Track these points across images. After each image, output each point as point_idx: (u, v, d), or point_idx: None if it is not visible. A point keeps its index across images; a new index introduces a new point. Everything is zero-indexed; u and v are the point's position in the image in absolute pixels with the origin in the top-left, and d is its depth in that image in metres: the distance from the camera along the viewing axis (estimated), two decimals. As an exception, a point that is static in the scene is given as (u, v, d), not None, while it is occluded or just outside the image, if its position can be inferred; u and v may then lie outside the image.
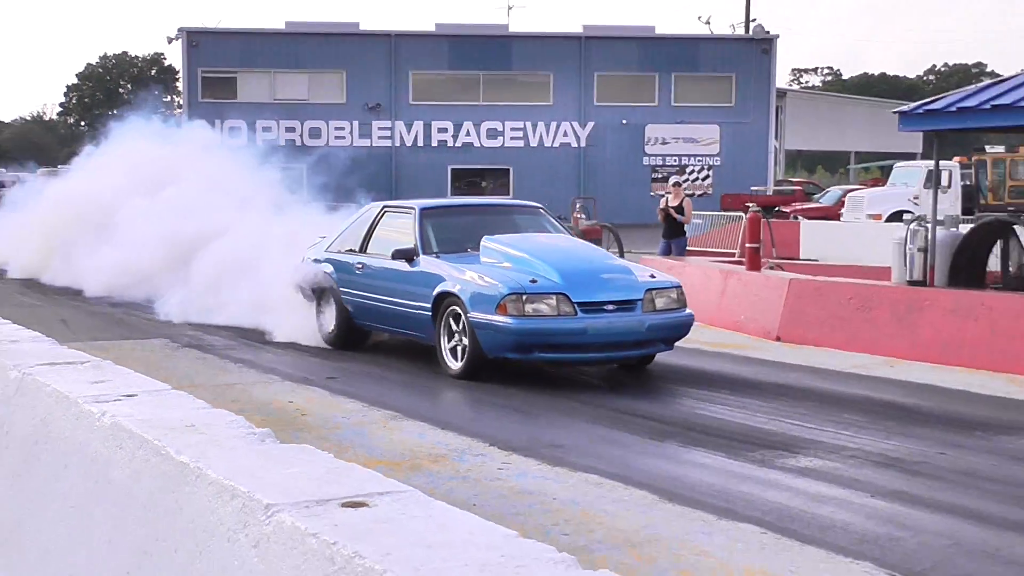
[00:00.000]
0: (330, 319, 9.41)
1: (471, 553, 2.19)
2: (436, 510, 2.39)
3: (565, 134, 34.01)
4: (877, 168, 35.92)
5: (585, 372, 8.51)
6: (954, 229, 10.95)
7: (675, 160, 33.11)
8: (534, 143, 33.93)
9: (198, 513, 2.74)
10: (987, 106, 9.31)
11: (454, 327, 7.89)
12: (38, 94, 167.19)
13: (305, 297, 9.75)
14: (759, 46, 34.21)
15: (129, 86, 60.51)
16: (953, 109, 9.67)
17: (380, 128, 33.76)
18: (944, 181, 18.10)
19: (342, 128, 33.25)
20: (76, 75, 66.22)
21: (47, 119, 73.84)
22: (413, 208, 8.92)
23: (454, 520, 2.34)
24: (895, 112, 10.68)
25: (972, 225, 11.42)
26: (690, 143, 33.66)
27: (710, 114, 33.69)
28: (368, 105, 33.37)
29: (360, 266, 9.06)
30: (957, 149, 26.31)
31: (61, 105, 70.36)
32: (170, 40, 35.23)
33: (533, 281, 7.60)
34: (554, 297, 7.50)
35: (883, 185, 25.65)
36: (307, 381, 8.25)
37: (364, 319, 9.17)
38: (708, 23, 36.89)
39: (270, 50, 33.50)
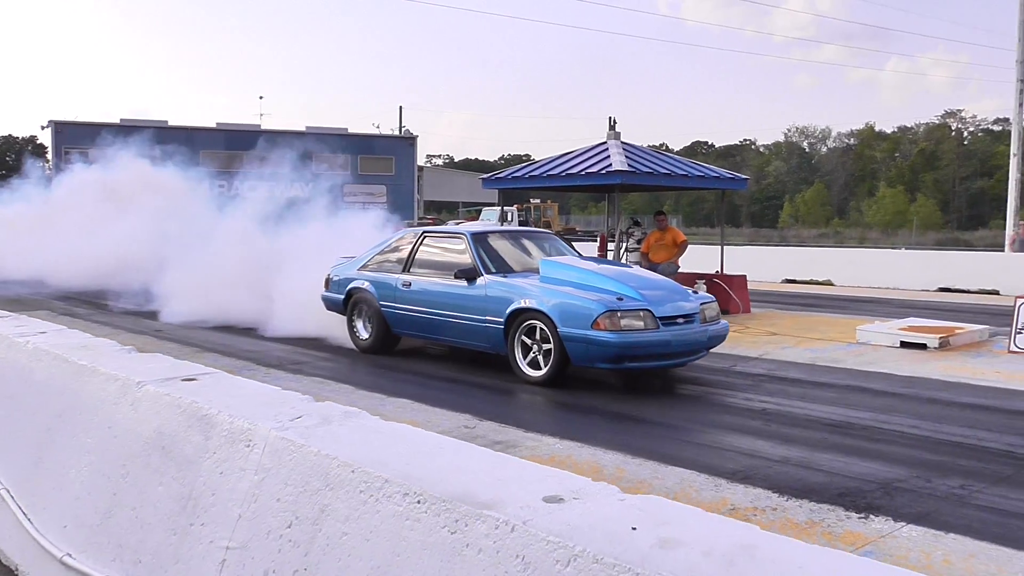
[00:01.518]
0: (364, 328, 9.99)
1: (258, 398, 4.66)
2: (237, 381, 4.91)
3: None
4: (475, 211, 53.24)
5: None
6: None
7: (361, 206, 40.40)
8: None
9: (93, 391, 4.96)
10: (527, 176, 14.09)
11: (528, 340, 8.16)
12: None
13: (334, 310, 10.38)
14: (407, 141, 51.19)
15: (13, 156, 73.77)
16: (510, 177, 14.49)
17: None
18: (509, 217, 24.92)
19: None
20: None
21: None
22: (464, 234, 9.35)
23: (246, 385, 4.87)
24: (481, 178, 15.35)
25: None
26: (369, 196, 45.76)
27: (381, 179, 47.98)
28: None
29: (407, 284, 9.41)
30: (516, 199, 44.16)
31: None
32: (43, 127, 46.21)
33: (620, 299, 7.81)
34: (641, 313, 7.75)
35: (477, 219, 40.40)
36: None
37: (405, 329, 9.57)
38: (378, 127, 50.57)
39: (112, 136, 36.14)
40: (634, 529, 2.19)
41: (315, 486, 3.03)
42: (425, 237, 9.75)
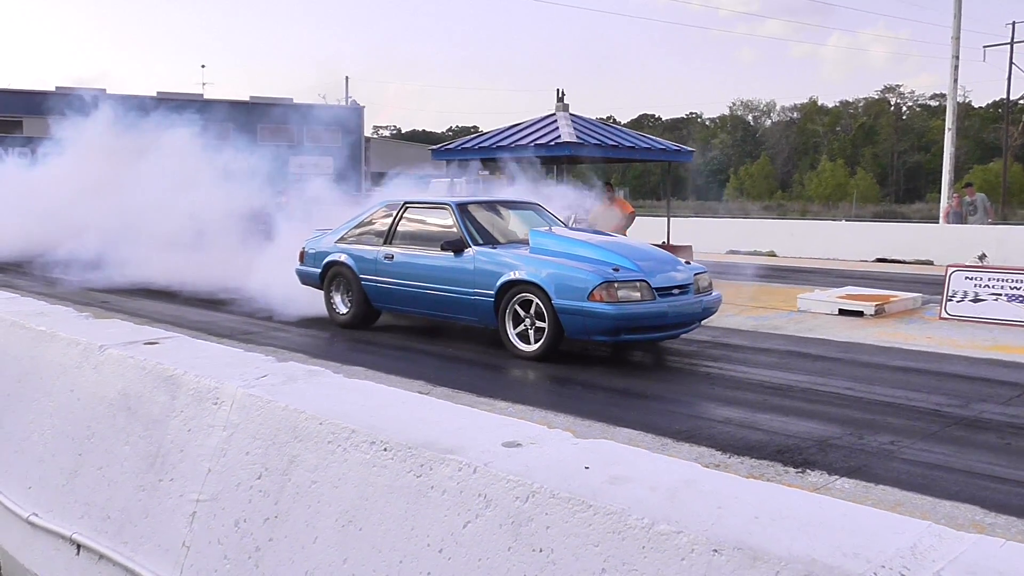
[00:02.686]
0: (342, 303, 9.77)
1: (221, 359, 4.79)
2: (200, 343, 5.03)
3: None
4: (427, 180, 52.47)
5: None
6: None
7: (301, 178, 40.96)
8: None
9: (54, 356, 5.04)
10: (476, 147, 14.48)
11: (521, 313, 7.95)
12: None
13: (310, 284, 10.16)
14: (354, 112, 50.48)
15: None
16: (459, 148, 14.91)
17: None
18: (457, 188, 25.15)
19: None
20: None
21: None
22: (449, 204, 9.10)
23: (209, 347, 4.99)
24: (430, 150, 15.52)
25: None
26: (315, 167, 44.48)
27: (327, 151, 46.86)
28: None
29: (389, 256, 9.18)
30: (466, 170, 42.95)
31: None
32: None
33: (616, 270, 7.66)
34: (638, 284, 7.62)
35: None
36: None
37: (387, 303, 9.37)
38: (324, 98, 49.87)
39: (45, 103, 35.03)
40: (587, 468, 2.38)
41: (284, 439, 3.18)
42: (407, 208, 9.49)
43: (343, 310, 9.78)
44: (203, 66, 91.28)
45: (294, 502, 3.04)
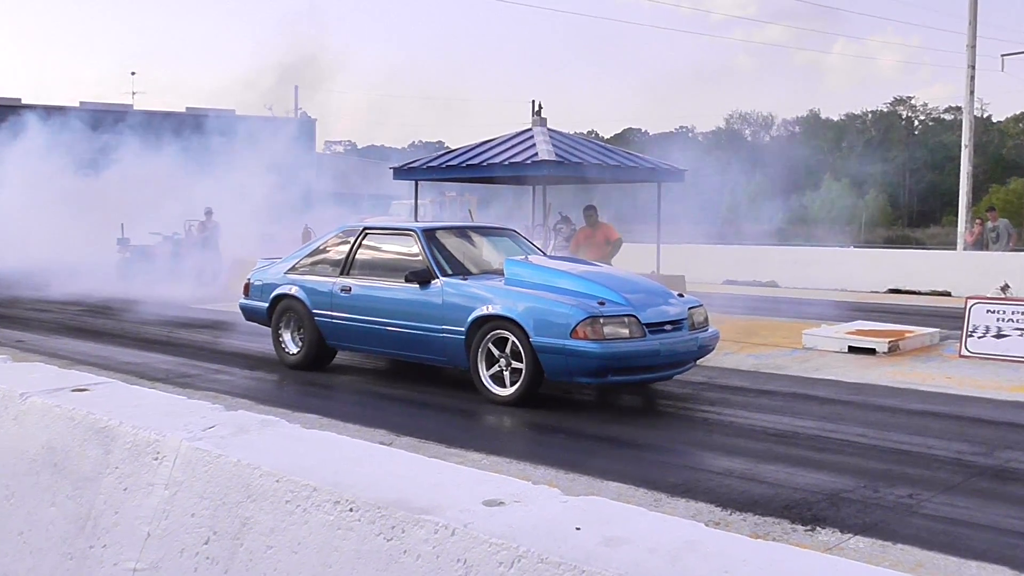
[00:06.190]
0: (292, 341, 9.67)
1: (161, 407, 4.74)
2: (136, 390, 5.00)
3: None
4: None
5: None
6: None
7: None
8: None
9: None
10: (444, 165, 14.41)
11: (496, 352, 7.85)
12: None
13: (256, 320, 10.17)
14: (306, 124, 50.99)
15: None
16: (424, 167, 14.78)
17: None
18: (421, 211, 25.15)
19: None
20: None
21: None
22: (414, 230, 8.95)
23: (147, 394, 4.96)
24: (391, 168, 15.48)
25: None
26: (258, 186, 45.30)
27: (273, 167, 46.11)
28: None
29: (346, 289, 9.08)
30: (431, 191, 42.06)
31: None
32: None
33: (601, 303, 7.59)
34: (626, 319, 7.54)
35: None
36: None
37: (344, 341, 9.27)
38: (271, 109, 50.16)
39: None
40: (578, 529, 2.41)
41: (235, 498, 3.19)
42: (367, 234, 9.42)
43: (293, 349, 9.72)
44: (133, 73, 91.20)
45: (247, 570, 3.05)
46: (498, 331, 7.86)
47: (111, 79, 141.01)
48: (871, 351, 10.56)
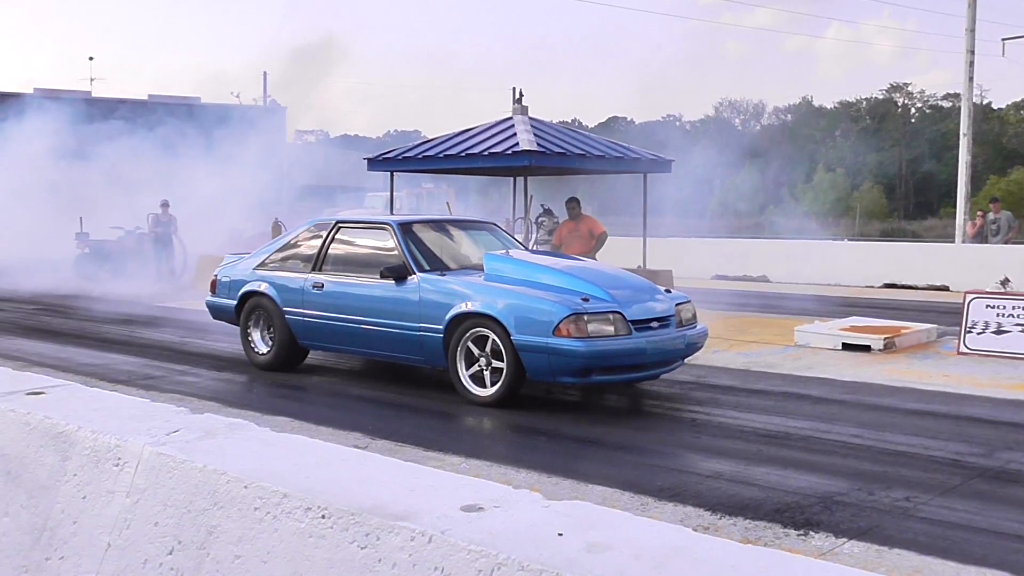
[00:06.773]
0: (262, 340, 9.65)
1: (123, 411, 4.70)
2: (96, 392, 4.97)
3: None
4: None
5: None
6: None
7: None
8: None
9: None
10: (420, 156, 14.30)
11: (475, 351, 7.85)
12: None
13: (223, 318, 10.12)
14: (274, 114, 50.88)
15: None
16: (400, 157, 14.63)
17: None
18: (397, 204, 24.74)
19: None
20: None
21: None
22: (388, 224, 8.93)
23: (107, 397, 4.93)
24: (365, 159, 15.38)
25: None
26: (222, 176, 45.18)
27: (240, 158, 45.83)
28: None
29: (318, 285, 9.05)
30: (407, 183, 40.61)
31: None
32: None
33: (585, 300, 7.57)
34: (611, 316, 7.53)
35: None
36: None
37: (316, 340, 9.26)
38: (238, 96, 49.72)
39: None
40: (560, 535, 2.42)
41: (201, 506, 3.17)
42: (340, 228, 9.41)
43: (263, 349, 9.69)
44: (91, 58, 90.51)
45: (213, 581, 3.04)
46: (478, 329, 7.84)
47: (65, 64, 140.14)
48: (866, 348, 10.61)
